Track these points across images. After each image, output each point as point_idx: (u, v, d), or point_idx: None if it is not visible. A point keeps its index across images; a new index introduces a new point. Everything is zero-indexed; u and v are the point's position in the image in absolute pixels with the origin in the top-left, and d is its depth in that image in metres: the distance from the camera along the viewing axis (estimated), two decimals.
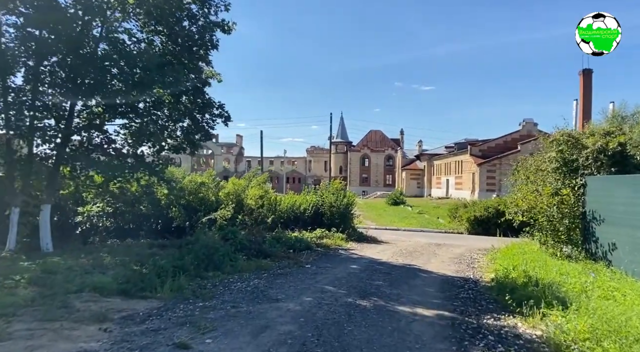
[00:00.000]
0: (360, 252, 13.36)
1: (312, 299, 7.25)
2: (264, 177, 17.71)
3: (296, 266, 10.50)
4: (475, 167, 53.22)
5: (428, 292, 8.48)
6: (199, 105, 13.55)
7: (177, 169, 17.90)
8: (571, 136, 12.92)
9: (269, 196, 17.39)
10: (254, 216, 16.49)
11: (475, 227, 22.93)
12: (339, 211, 16.53)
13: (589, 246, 11.48)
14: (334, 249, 13.78)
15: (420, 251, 14.30)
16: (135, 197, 15.56)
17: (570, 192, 11.81)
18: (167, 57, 12.52)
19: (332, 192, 17.15)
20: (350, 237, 15.97)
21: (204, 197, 17.01)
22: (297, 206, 16.83)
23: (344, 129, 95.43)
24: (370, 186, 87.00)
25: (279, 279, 8.84)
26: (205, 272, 9.00)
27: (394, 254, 13.24)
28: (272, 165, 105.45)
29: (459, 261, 12.59)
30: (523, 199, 12.67)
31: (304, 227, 16.13)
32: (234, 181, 17.18)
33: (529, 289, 8.05)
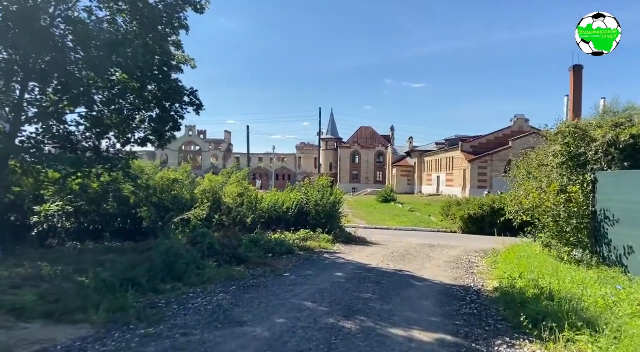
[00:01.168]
0: (347, 256, 12.07)
1: (286, 321, 5.93)
2: (244, 173, 16.31)
3: (273, 274, 9.16)
4: (466, 164, 52.32)
5: (424, 307, 7.22)
6: (167, 92, 12.10)
7: (148, 164, 16.42)
8: (578, 128, 11.75)
9: (250, 193, 16.01)
10: (232, 216, 15.11)
11: (469, 226, 21.79)
12: (325, 210, 15.22)
13: (599, 249, 10.32)
14: (318, 252, 12.47)
15: (413, 254, 13.06)
16: (100, 195, 14.07)
17: (580, 190, 10.63)
18: (128, 36, 11.06)
19: (318, 189, 15.83)
20: (338, 239, 14.67)
21: (178, 195, 15.57)
22: (279, 205, 15.48)
23: (334, 125, 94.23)
24: (361, 183, 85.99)
25: (250, 293, 7.49)
26: (163, 284, 7.62)
27: (385, 258, 11.97)
28: (261, 162, 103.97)
29: (457, 266, 11.37)
30: (526, 197, 11.47)
31: (287, 228, 14.79)
32: (211, 177, 15.76)
33: (542, 303, 6.82)
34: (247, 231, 14.53)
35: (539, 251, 12.43)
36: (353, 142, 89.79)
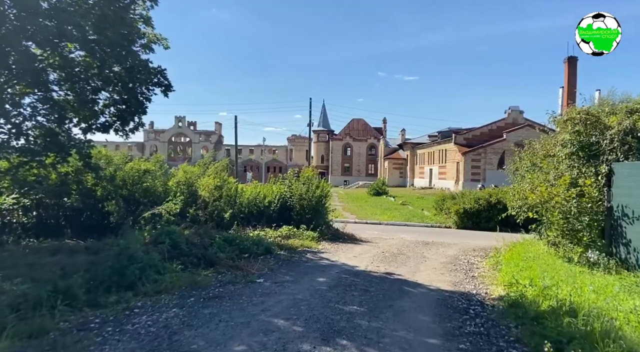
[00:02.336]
0: (333, 257, 10.82)
1: (246, 349, 4.67)
2: (223, 164, 14.93)
3: (244, 280, 7.87)
4: (459, 156, 51.31)
5: (421, 323, 6.00)
6: (131, 71, 10.68)
7: (116, 154, 14.99)
8: (590, 114, 10.55)
9: (229, 186, 14.66)
10: (208, 211, 13.76)
11: (464, 221, 20.67)
12: (310, 205, 13.93)
13: (616, 249, 9.18)
14: (301, 252, 11.20)
15: (406, 253, 11.86)
16: (61, 187, 12.65)
17: (594, 183, 9.46)
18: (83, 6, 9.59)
19: (303, 182, 14.52)
20: (324, 236, 13.42)
21: (150, 188, 14.18)
22: (260, 199, 14.17)
23: (325, 117, 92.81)
24: (352, 176, 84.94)
25: (210, 307, 6.19)
26: (106, 295, 6.30)
27: (375, 259, 10.74)
28: (252, 154, 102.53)
29: (455, 267, 10.18)
30: (532, 190, 10.28)
31: (268, 224, 13.50)
32: (186, 168, 14.37)
33: (563, 320, 5.63)
34: (224, 228, 13.23)
35: (544, 250, 11.30)
36: (345, 134, 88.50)
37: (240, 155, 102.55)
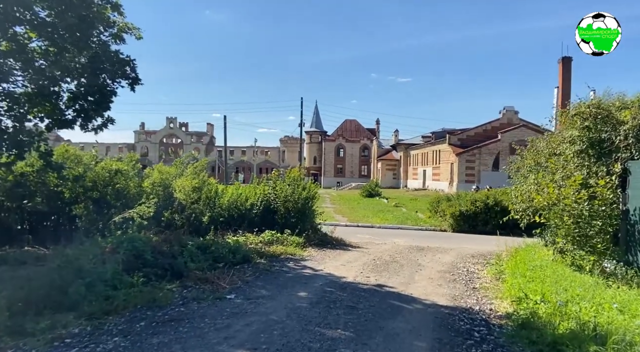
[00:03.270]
0: (318, 266, 9.76)
1: None
2: (202, 164, 13.81)
3: (212, 296, 6.79)
4: (453, 157, 50.52)
5: (418, 351, 4.98)
6: (94, 60, 9.57)
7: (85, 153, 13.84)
8: (601, 108, 9.64)
9: (210, 187, 13.56)
10: (185, 214, 12.66)
11: (460, 224, 19.71)
12: (295, 207, 12.87)
13: (634, 257, 8.23)
14: (283, 260, 10.14)
15: (399, 261, 10.84)
16: (18, 188, 11.51)
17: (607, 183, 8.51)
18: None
19: (288, 183, 13.47)
20: (310, 241, 12.36)
21: (122, 189, 13.05)
22: (241, 201, 13.08)
23: (318, 118, 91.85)
24: (345, 177, 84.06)
25: (160, 335, 5.11)
26: (37, 319, 5.21)
27: (365, 268, 9.71)
28: (244, 155, 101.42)
29: (453, 277, 9.18)
30: (539, 192, 9.30)
31: (249, 229, 12.42)
32: (161, 168, 13.25)
33: (589, 348, 4.64)
34: (202, 233, 12.13)
35: (550, 257, 10.35)
36: (337, 135, 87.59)
37: (232, 156, 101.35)
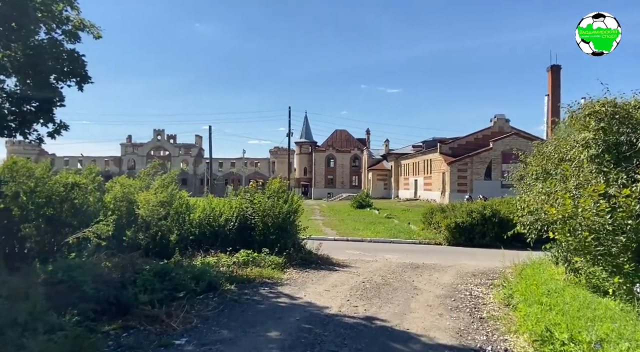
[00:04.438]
0: (298, 292, 8.37)
1: None
2: (171, 175, 12.34)
3: (157, 341, 5.37)
4: (445, 166, 49.56)
5: None
6: (33, 55, 8.22)
7: (38, 164, 12.35)
8: (619, 107, 8.50)
9: (180, 201, 12.13)
10: (151, 232, 11.21)
11: (456, 237, 18.43)
12: (276, 222, 11.50)
13: None
14: (257, 285, 8.73)
15: (392, 283, 9.50)
16: None
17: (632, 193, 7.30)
18: None
19: (268, 195, 12.11)
20: (291, 261, 10.97)
21: (81, 205, 11.58)
22: (214, 216, 11.67)
23: (308, 128, 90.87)
24: (336, 188, 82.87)
25: None
26: None
27: (352, 293, 8.34)
28: (233, 167, 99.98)
29: (455, 303, 7.86)
30: (553, 203, 8.05)
31: (223, 247, 11.00)
32: (123, 180, 11.81)
33: None
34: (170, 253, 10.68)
35: (561, 276, 9.11)
36: (328, 146, 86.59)
37: (221, 168, 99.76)
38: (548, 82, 60.52)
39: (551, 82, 59.91)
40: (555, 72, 60.22)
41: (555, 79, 60.07)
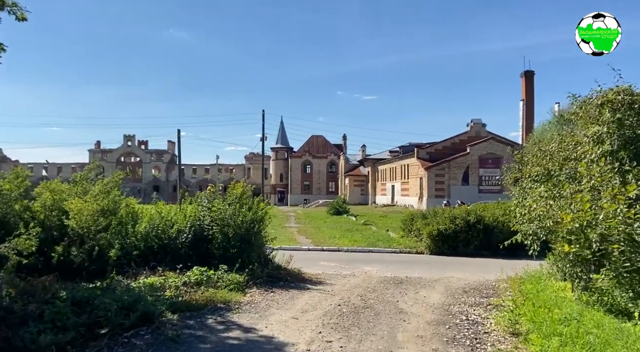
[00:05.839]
0: (258, 322, 6.71)
1: None
2: (114, 179, 10.41)
3: None
4: (422, 171, 48.76)
5: None
6: None
7: None
8: (637, 95, 7.30)
9: (127, 210, 10.31)
10: (86, 247, 9.35)
11: (439, 246, 17.12)
12: (238, 234, 9.84)
13: None
14: (208, 313, 7.03)
15: (373, 305, 7.98)
16: None
17: None
18: None
19: (229, 201, 10.45)
20: (255, 279, 9.31)
21: (4, 216, 9.65)
22: (164, 227, 9.92)
23: (284, 134, 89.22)
24: (313, 194, 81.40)
25: None
26: None
27: (326, 322, 6.76)
28: (207, 173, 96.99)
29: (452, 334, 6.39)
30: (568, 208, 6.70)
31: (174, 264, 9.24)
32: (54, 185, 9.93)
33: None
34: (110, 272, 8.87)
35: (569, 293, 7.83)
36: (304, 151, 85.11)
37: (194, 174, 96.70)
38: (522, 88, 60.99)
39: (525, 87, 60.40)
40: (529, 78, 60.73)
41: (529, 85, 60.57)
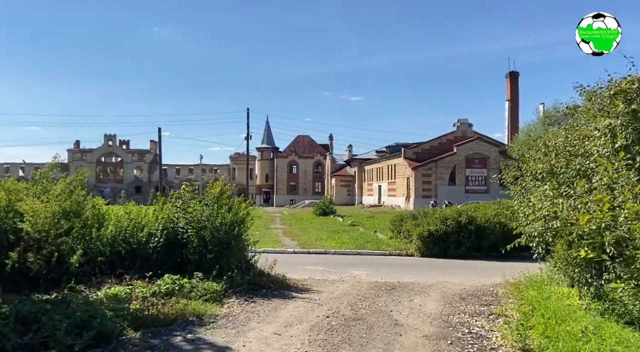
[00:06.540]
0: (233, 341, 5.83)
1: None
2: (78, 178, 9.43)
3: None
4: (409, 171, 48.32)
5: None
6: None
7: None
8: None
9: (93, 211, 9.35)
10: (45, 252, 8.38)
11: (430, 247, 16.46)
12: (216, 237, 8.95)
13: None
14: (177, 328, 6.14)
15: (364, 316, 7.20)
16: None
17: None
18: None
19: (207, 202, 9.57)
20: (235, 287, 8.43)
21: None
22: (133, 230, 8.98)
23: (270, 134, 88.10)
24: (299, 194, 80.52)
25: None
26: None
27: (313, 339, 5.94)
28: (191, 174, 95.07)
29: (455, 350, 5.65)
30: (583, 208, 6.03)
31: (144, 271, 8.33)
32: (10, 184, 8.89)
33: None
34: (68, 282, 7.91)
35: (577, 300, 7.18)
36: (290, 151, 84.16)
37: (178, 175, 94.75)
38: (507, 88, 61.21)
39: (510, 88, 60.63)
40: (514, 78, 60.98)
41: (514, 86, 60.82)
